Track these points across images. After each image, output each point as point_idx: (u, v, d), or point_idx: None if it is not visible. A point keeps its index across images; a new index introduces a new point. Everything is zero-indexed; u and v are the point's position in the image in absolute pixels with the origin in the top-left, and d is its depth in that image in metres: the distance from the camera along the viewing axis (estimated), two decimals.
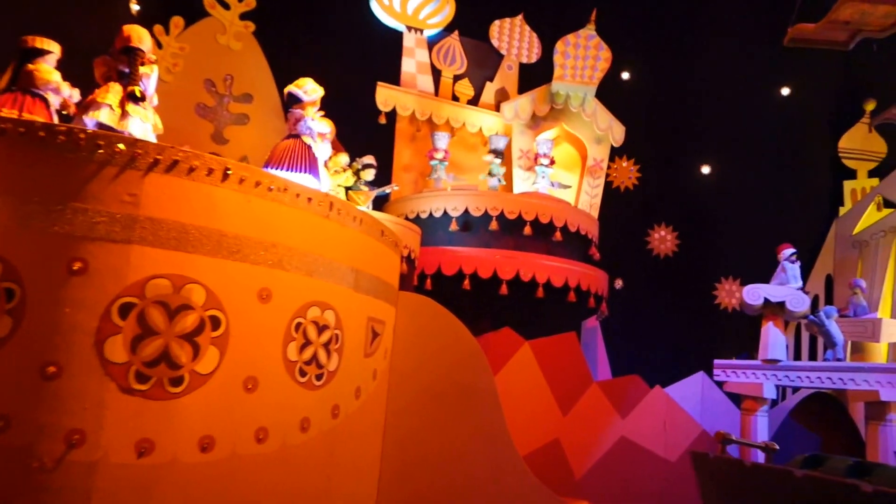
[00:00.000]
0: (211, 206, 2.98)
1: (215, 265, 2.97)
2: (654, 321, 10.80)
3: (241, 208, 3.09)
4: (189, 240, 2.87)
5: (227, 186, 3.04)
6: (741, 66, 11.91)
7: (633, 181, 11.17)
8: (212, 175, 2.98)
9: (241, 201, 3.09)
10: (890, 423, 7.12)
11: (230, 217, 3.05)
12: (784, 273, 7.95)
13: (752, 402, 7.74)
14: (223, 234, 3.00)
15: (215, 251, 2.96)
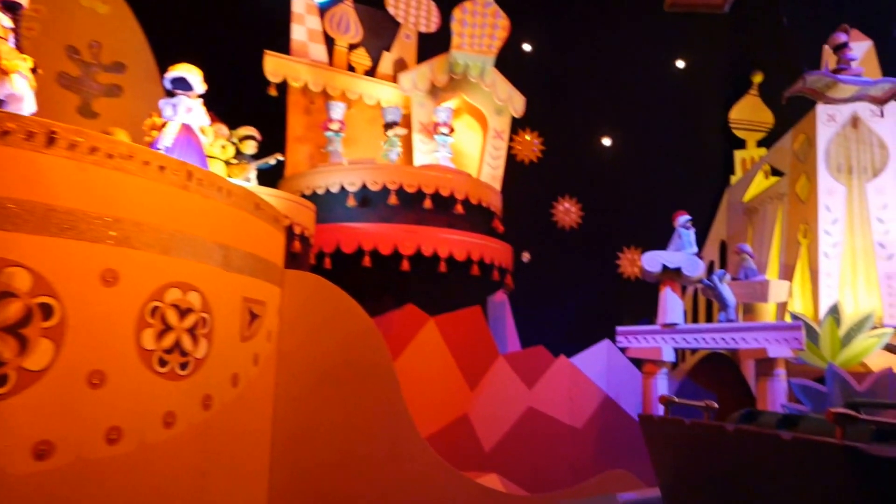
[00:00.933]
0: (34, 176, 2.58)
1: (43, 245, 2.58)
2: (561, 292, 10.88)
3: (74, 178, 2.70)
4: (7, 216, 2.47)
5: (55, 153, 2.64)
6: (639, 39, 12.07)
7: (537, 154, 11.16)
8: (32, 139, 2.57)
9: (74, 170, 2.70)
10: (777, 378, 7.41)
11: (60, 189, 2.65)
12: (680, 239, 8.10)
13: (652, 365, 7.89)
14: (51, 208, 2.61)
15: (41, 228, 2.56)
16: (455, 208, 7.97)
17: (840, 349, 8.93)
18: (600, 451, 7.48)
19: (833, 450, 1.99)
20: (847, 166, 10.59)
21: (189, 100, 5.29)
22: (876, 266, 10.25)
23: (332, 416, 4.81)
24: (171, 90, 5.32)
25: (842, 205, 10.51)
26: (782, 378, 7.49)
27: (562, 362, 7.38)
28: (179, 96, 5.28)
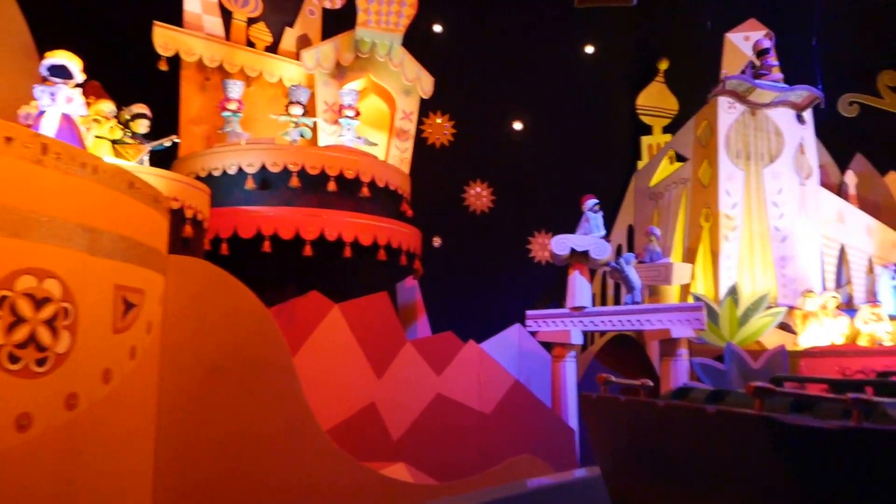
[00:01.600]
0: None
1: None
2: (473, 277, 10.82)
3: None
4: None
5: None
6: (549, 23, 12.10)
7: (448, 137, 11.02)
8: None
9: None
10: (680, 358, 7.59)
11: None
12: (588, 223, 8.16)
13: (561, 348, 7.94)
14: None
15: None
16: (361, 191, 7.72)
17: (738, 328, 9.27)
18: (510, 437, 7.45)
19: (752, 420, 2.11)
20: (745, 152, 10.98)
21: (68, 89, 4.96)
22: (771, 248, 10.71)
23: (223, 411, 4.50)
24: (48, 77, 4.96)
25: (741, 189, 10.90)
26: (685, 358, 7.67)
27: (471, 348, 7.28)
28: (58, 84, 4.95)
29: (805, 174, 11.08)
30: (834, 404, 2.26)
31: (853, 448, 1.96)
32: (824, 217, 11.27)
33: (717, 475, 2.38)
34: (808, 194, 10.99)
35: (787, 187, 10.81)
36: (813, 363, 7.83)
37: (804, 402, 2.40)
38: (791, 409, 2.37)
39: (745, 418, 2.15)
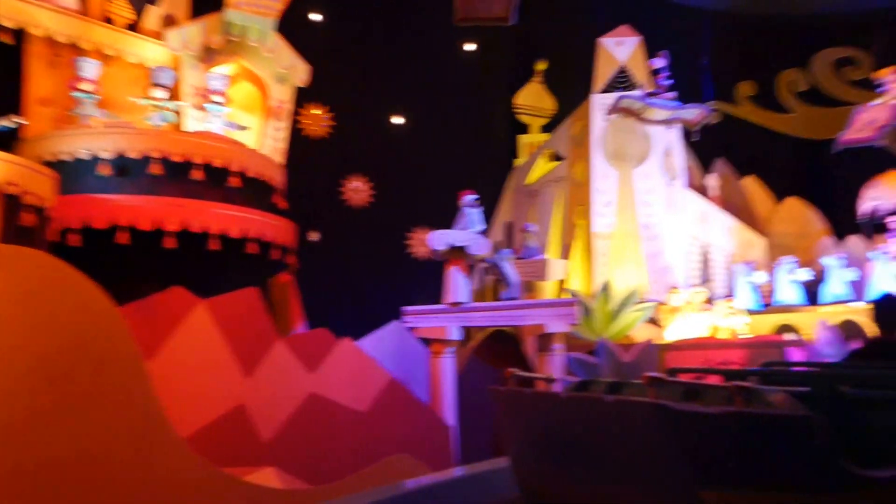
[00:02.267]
0: None
1: None
2: (352, 273, 10.56)
3: None
4: None
5: None
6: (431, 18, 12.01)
7: (327, 129, 10.69)
8: None
9: None
10: (554, 353, 7.70)
11: None
12: (466, 218, 8.12)
13: (439, 344, 7.84)
14: None
15: None
16: (230, 181, 7.28)
17: (610, 323, 9.57)
18: (385, 436, 7.27)
19: (646, 408, 2.27)
20: (618, 153, 11.39)
21: None
22: (641, 246, 11.17)
23: (61, 418, 4.04)
24: None
25: (614, 188, 11.29)
26: (560, 352, 7.79)
27: (346, 345, 7.04)
28: None
29: (672, 175, 11.64)
30: (719, 392, 2.42)
31: (735, 430, 2.12)
32: (690, 217, 11.89)
33: (616, 460, 2.51)
34: (674, 195, 11.56)
35: (656, 188, 11.32)
36: (678, 356, 8.20)
37: (693, 391, 2.60)
38: (681, 397, 2.55)
39: (640, 406, 2.31)
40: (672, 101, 10.30)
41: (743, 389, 2.24)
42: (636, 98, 10.57)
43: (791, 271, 11.23)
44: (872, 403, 2.77)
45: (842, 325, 9.92)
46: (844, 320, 10.02)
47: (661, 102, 10.33)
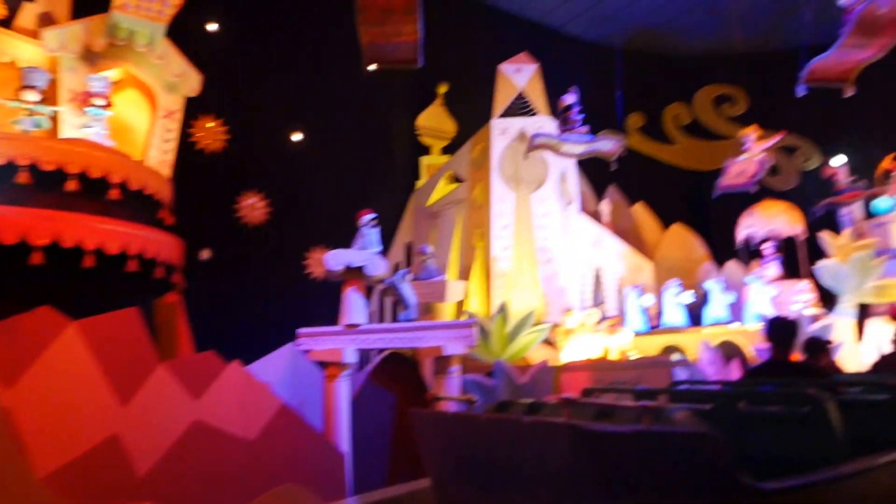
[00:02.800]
0: None
1: None
2: (246, 293, 10.11)
3: None
4: None
5: None
6: (333, 36, 11.84)
7: (222, 143, 10.26)
8: None
9: None
10: (452, 375, 7.63)
11: None
12: (364, 238, 7.96)
13: (334, 367, 7.59)
14: None
15: None
16: (109, 193, 6.78)
17: (507, 345, 9.63)
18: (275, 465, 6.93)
19: (560, 428, 2.32)
20: (516, 177, 11.59)
21: None
22: (537, 268, 11.36)
23: None
24: None
25: (511, 212, 11.46)
26: (456, 375, 7.73)
27: (234, 369, 6.66)
28: None
29: (567, 200, 11.96)
30: (630, 411, 2.50)
31: (643, 448, 2.21)
32: (584, 241, 12.24)
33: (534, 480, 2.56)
34: (569, 219, 11.87)
35: (552, 211, 11.58)
36: (571, 377, 8.33)
37: (605, 411, 2.68)
38: (594, 417, 2.65)
39: (555, 426, 2.37)
40: (586, 136, 10.51)
41: (650, 408, 2.33)
42: (550, 136, 10.71)
43: (676, 294, 11.74)
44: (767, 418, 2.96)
45: (722, 345, 10.43)
46: (724, 341, 10.54)
47: (576, 137, 10.52)
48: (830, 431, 2.72)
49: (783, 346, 4.60)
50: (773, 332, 4.70)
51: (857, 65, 8.45)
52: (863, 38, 8.00)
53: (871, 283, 10.06)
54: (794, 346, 4.72)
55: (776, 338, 4.64)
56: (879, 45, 8.09)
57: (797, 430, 2.83)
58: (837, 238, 10.46)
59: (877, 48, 8.13)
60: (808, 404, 2.81)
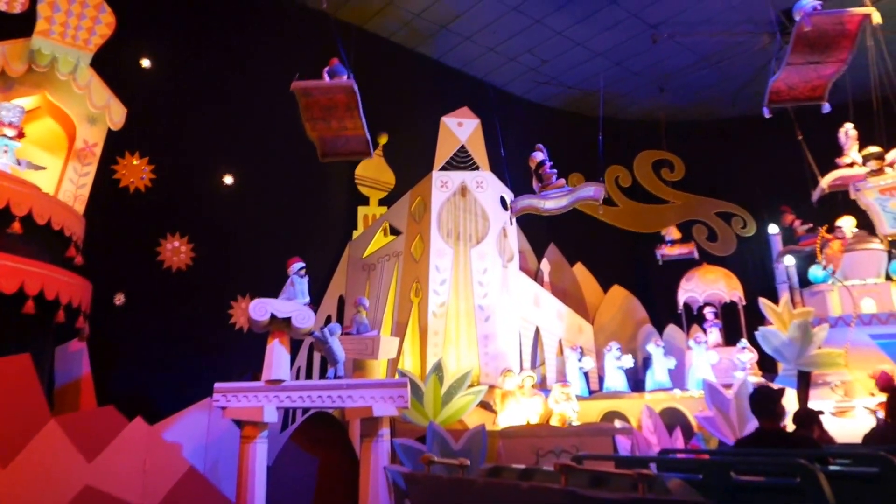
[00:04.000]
0: None
1: None
2: (163, 344, 9.36)
3: None
4: None
5: None
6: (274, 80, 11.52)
7: (146, 183, 9.66)
8: None
9: None
10: (381, 439, 7.09)
11: None
12: (292, 287, 7.47)
13: (251, 427, 6.95)
14: None
15: None
16: (11, 226, 6.15)
17: (442, 407, 9.14)
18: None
19: (558, 494, 2.50)
20: (455, 231, 11.32)
21: None
22: (476, 327, 11.00)
23: None
24: None
25: (450, 267, 11.14)
26: (386, 438, 7.20)
27: (136, 427, 6.01)
28: None
29: (507, 257, 11.74)
30: (624, 479, 2.62)
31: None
32: (523, 300, 11.98)
33: None
34: (509, 276, 11.62)
35: (492, 268, 11.31)
36: (510, 444, 7.89)
37: (601, 478, 2.84)
38: (590, 484, 2.79)
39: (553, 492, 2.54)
40: (564, 188, 10.30)
41: (644, 476, 2.44)
42: (529, 198, 10.48)
43: (617, 358, 11.54)
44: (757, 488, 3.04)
45: (664, 412, 10.21)
46: (666, 408, 10.32)
47: (556, 192, 10.31)
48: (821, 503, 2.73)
49: (770, 416, 4.51)
50: (757, 402, 4.61)
51: (825, 81, 8.51)
52: (813, 56, 8.08)
53: (811, 351, 9.97)
54: (782, 415, 4.60)
55: (761, 408, 4.55)
56: (837, 59, 8.16)
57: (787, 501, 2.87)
58: (776, 306, 10.50)
59: (836, 63, 8.21)
60: (798, 475, 2.82)
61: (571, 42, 14.05)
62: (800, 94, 8.64)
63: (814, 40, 7.87)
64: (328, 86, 8.15)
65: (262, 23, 11.53)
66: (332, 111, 8.41)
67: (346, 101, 8.24)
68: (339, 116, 8.44)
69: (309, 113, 8.51)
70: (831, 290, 12.41)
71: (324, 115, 8.50)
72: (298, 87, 8.15)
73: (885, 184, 9.72)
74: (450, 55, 14.32)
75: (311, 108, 8.43)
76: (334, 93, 8.16)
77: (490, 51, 14.26)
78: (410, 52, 13.78)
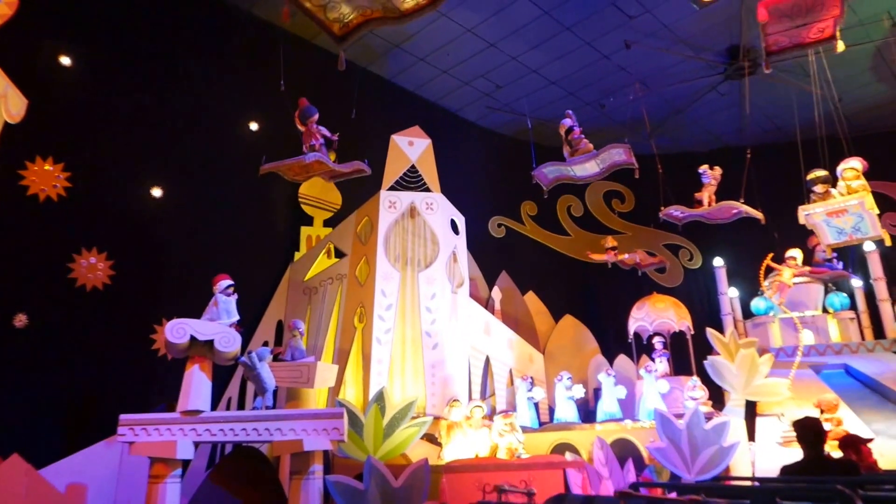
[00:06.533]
0: None
1: None
2: (73, 370, 8.41)
3: None
4: None
5: None
6: (212, 90, 10.82)
7: (60, 191, 8.77)
8: None
9: None
10: (313, 476, 6.32)
11: None
12: (216, 308, 6.71)
13: (162, 465, 6.09)
14: None
15: None
16: None
17: (383, 440, 8.40)
18: None
19: None
20: (403, 254, 10.69)
21: None
22: (423, 354, 10.32)
23: None
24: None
25: (396, 291, 10.48)
26: (318, 475, 6.44)
27: (13, 465, 5.11)
28: None
29: (457, 283, 11.15)
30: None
31: None
32: (473, 327, 11.38)
33: None
34: (458, 303, 11.01)
35: (440, 293, 10.69)
36: (454, 479, 7.20)
37: None
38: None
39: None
40: (592, 152, 9.88)
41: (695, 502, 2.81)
42: (555, 164, 10.29)
43: (567, 388, 11.03)
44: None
45: (615, 443, 9.73)
46: (617, 439, 9.86)
47: (583, 157, 9.87)
48: None
49: (812, 445, 4.82)
50: (801, 432, 4.94)
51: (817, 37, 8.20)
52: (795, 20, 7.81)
53: (758, 381, 9.86)
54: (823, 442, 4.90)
55: (805, 437, 4.88)
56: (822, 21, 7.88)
57: None
58: (723, 336, 10.29)
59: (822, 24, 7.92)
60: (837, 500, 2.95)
61: (526, 68, 13.76)
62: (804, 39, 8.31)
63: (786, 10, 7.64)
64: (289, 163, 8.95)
65: (199, 25, 10.84)
66: (309, 168, 9.10)
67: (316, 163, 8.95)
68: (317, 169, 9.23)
69: (289, 174, 9.36)
70: (773, 322, 12.41)
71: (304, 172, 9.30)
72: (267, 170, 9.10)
73: (831, 208, 9.67)
74: (402, 76, 13.86)
75: (289, 172, 9.27)
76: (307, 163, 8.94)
77: (443, 73, 13.85)
78: (362, 70, 13.24)
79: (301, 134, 9.28)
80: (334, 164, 9.08)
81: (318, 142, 9.00)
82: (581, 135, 10.08)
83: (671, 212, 11.60)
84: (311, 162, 8.88)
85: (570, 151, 10.10)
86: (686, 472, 8.40)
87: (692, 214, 11.49)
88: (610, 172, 10.50)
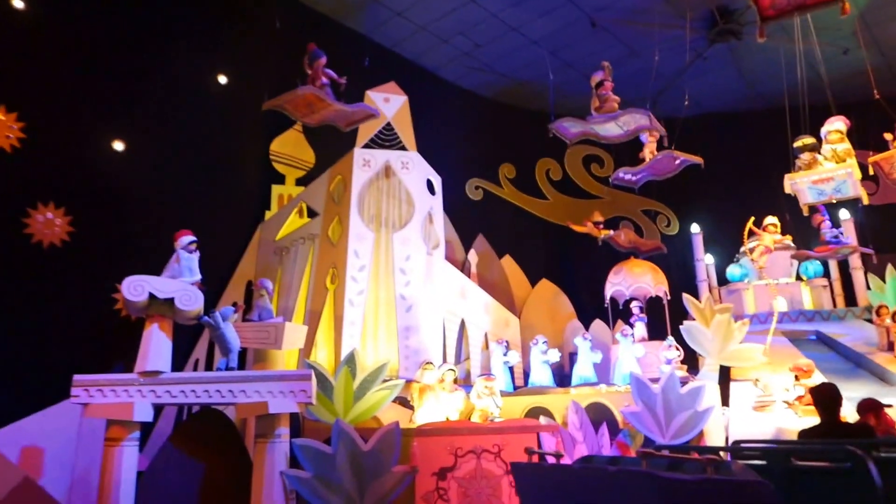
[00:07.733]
0: None
1: None
2: (29, 331, 8.04)
3: None
4: None
5: None
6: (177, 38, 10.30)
7: (14, 142, 8.30)
8: None
9: None
10: (278, 440, 6.11)
11: None
12: (178, 264, 6.40)
13: (119, 428, 5.84)
14: None
15: None
16: None
17: (353, 403, 8.20)
18: None
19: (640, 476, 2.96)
20: (377, 214, 10.40)
21: None
22: (396, 317, 10.11)
23: None
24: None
25: (370, 252, 10.21)
26: (284, 439, 6.24)
27: None
28: None
29: (433, 244, 10.90)
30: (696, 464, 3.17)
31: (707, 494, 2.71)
32: (449, 290, 11.17)
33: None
34: (434, 265, 10.78)
35: (415, 255, 10.44)
36: (425, 442, 7.02)
37: (677, 462, 3.39)
38: (667, 468, 3.36)
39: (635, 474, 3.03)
40: (616, 112, 9.35)
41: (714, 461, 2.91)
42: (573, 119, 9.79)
43: (543, 352, 10.91)
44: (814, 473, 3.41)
45: (590, 407, 9.66)
46: (592, 403, 9.80)
47: (604, 116, 9.39)
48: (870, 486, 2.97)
49: (829, 410, 4.99)
50: (819, 398, 5.09)
51: None
52: None
53: (732, 347, 9.81)
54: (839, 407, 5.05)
55: (822, 403, 5.03)
56: None
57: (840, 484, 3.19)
58: (699, 302, 10.19)
59: None
60: (849, 461, 3.12)
61: (506, 26, 13.35)
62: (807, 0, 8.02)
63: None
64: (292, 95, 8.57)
65: None
66: (313, 105, 8.81)
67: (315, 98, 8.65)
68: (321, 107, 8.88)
69: (296, 113, 9.02)
70: (747, 289, 12.39)
71: (309, 110, 8.97)
72: (271, 106, 8.76)
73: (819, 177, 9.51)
74: (379, 31, 13.36)
75: (293, 110, 8.90)
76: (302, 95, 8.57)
77: (421, 29, 13.39)
78: (337, 25, 12.75)
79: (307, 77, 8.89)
80: (335, 101, 8.69)
81: (324, 83, 8.65)
82: (610, 91, 9.60)
83: (619, 174, 11.35)
84: (309, 96, 8.51)
85: (596, 106, 9.63)
86: (660, 436, 8.36)
87: (639, 172, 11.23)
88: (634, 136, 10.17)
